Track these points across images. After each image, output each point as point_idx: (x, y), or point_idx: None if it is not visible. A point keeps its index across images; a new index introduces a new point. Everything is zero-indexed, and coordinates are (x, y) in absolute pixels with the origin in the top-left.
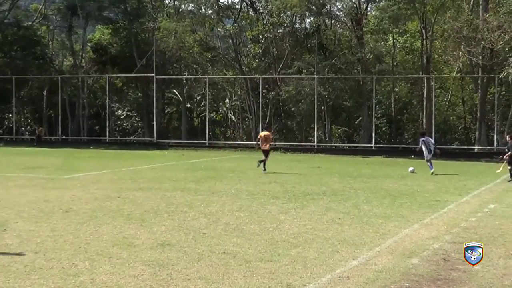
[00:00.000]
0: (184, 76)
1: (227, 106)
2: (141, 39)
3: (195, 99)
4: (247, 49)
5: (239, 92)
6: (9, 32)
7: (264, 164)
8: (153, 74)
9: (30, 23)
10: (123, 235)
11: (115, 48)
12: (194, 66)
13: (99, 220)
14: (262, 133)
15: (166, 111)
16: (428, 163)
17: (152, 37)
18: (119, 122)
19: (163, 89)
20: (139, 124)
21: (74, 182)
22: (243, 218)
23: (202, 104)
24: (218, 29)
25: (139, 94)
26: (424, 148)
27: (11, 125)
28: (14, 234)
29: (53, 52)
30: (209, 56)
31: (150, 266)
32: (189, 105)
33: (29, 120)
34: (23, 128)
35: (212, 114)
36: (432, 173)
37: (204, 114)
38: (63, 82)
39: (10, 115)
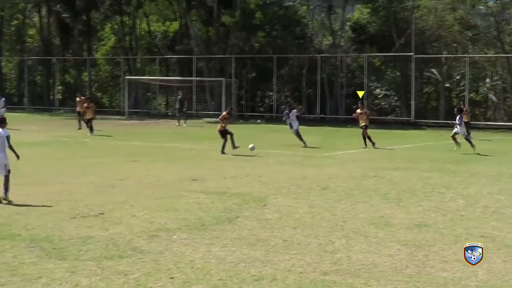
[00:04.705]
0: (444, 55)
1: (487, 86)
2: (400, 18)
3: (454, 79)
4: (510, 27)
5: (500, 72)
6: (271, 11)
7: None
8: (412, 53)
9: (291, 3)
10: (379, 214)
11: (373, 27)
12: (454, 45)
13: (355, 198)
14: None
15: (424, 91)
16: None
17: (411, 16)
18: (376, 101)
19: (421, 69)
20: (397, 104)
21: (332, 160)
22: (503, 201)
23: (462, 83)
24: (480, 6)
25: (397, 73)
26: None
27: (271, 103)
28: (274, 209)
29: (313, 32)
30: (470, 35)
31: (406, 246)
32: (448, 85)
33: (289, 99)
34: (283, 106)
35: (471, 94)
36: None
37: (463, 94)
38: (322, 62)
39: (271, 93)
